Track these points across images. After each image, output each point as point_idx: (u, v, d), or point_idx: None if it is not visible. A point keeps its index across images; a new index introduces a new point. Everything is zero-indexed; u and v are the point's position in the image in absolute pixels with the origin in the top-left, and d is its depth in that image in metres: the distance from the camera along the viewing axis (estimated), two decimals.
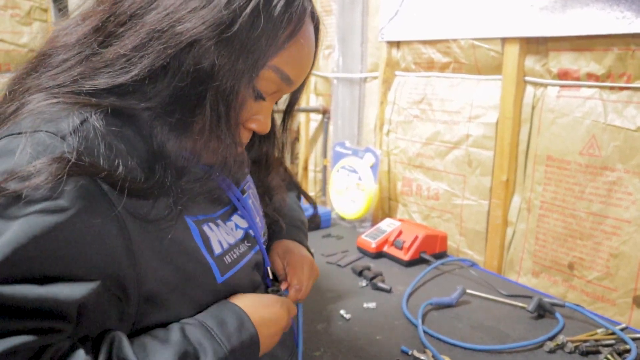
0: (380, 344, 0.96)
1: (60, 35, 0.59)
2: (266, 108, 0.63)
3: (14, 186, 0.45)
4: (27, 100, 0.53)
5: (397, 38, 1.55)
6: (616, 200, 1.10)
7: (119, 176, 0.50)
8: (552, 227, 1.23)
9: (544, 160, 1.23)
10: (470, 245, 1.43)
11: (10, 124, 0.52)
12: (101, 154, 0.50)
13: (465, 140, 1.40)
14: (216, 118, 0.55)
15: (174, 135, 0.55)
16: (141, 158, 0.55)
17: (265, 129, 0.63)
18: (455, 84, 1.43)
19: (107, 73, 0.53)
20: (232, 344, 0.57)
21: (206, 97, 0.54)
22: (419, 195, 1.57)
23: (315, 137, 2.09)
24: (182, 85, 0.53)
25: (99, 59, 0.54)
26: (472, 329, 1.01)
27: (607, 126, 1.10)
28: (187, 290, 0.58)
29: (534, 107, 1.25)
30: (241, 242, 0.68)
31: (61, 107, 0.52)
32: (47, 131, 0.49)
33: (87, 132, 0.50)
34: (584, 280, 1.17)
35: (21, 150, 0.47)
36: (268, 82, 0.60)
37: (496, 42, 1.29)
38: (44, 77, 0.56)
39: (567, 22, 1.12)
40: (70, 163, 0.47)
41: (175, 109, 0.54)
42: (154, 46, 0.52)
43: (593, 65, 1.11)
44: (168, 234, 0.56)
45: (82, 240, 0.48)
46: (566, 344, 0.94)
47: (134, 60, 0.53)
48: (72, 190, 0.47)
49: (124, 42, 0.53)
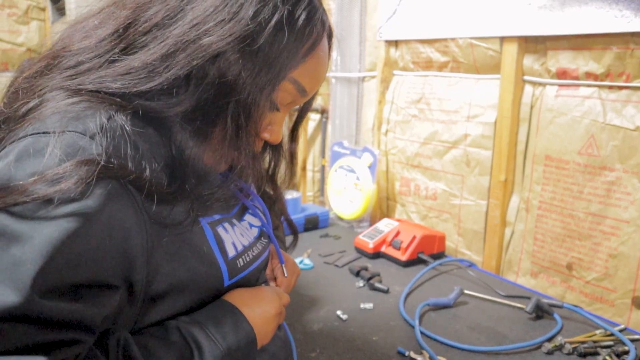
0: (377, 344, 0.95)
1: (75, 36, 0.58)
2: (280, 118, 0.64)
3: (44, 189, 0.45)
4: (47, 97, 0.53)
5: (396, 37, 1.54)
6: (615, 200, 1.09)
7: (146, 179, 0.51)
8: (550, 228, 1.22)
9: (542, 160, 1.22)
10: (469, 245, 1.42)
11: (33, 122, 0.51)
12: (129, 155, 0.50)
13: (464, 140, 1.39)
14: (236, 128, 0.56)
15: (193, 143, 0.55)
16: (164, 162, 0.55)
17: (277, 139, 0.64)
18: (454, 84, 1.42)
19: (129, 80, 0.53)
20: (228, 343, 0.58)
21: (228, 108, 0.55)
22: (417, 195, 1.56)
23: (313, 137, 2.08)
24: (205, 96, 0.54)
25: (122, 65, 0.54)
26: (470, 330, 1.01)
27: (606, 126, 1.09)
28: (193, 292, 0.58)
29: (533, 106, 1.24)
30: (257, 240, 0.69)
31: (86, 105, 0.51)
32: (75, 131, 0.48)
33: (114, 131, 0.50)
34: (582, 281, 1.17)
35: (50, 151, 0.47)
36: (285, 93, 0.61)
37: (494, 41, 1.28)
38: (60, 78, 0.55)
39: (566, 20, 1.11)
40: (100, 166, 0.47)
41: (196, 117, 0.55)
42: (180, 57, 0.52)
43: (592, 64, 1.10)
44: (183, 238, 0.56)
45: (110, 245, 0.48)
46: (564, 345, 0.93)
47: (159, 70, 0.53)
48: (102, 194, 0.47)
49: (149, 51, 0.53)
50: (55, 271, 0.44)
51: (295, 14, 0.57)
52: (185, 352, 0.54)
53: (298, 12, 0.57)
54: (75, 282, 0.46)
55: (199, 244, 0.58)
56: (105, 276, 0.49)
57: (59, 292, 0.45)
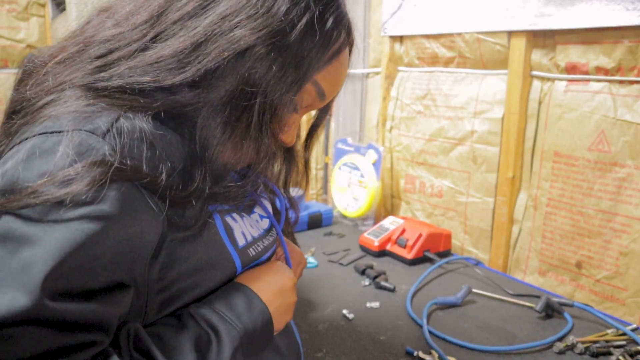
0: (384, 344, 0.93)
1: (107, 23, 0.57)
2: (296, 121, 0.63)
3: (54, 191, 0.43)
4: (65, 95, 0.51)
5: (400, 32, 1.52)
6: (626, 197, 1.07)
7: (160, 183, 0.49)
8: (559, 225, 1.20)
9: (551, 157, 1.20)
10: (475, 243, 1.40)
11: (45, 120, 0.49)
12: (144, 156, 0.49)
13: (470, 137, 1.37)
14: (260, 126, 0.55)
15: (219, 138, 0.54)
16: (183, 163, 0.54)
17: (292, 141, 0.64)
18: (460, 79, 1.40)
19: (157, 70, 0.52)
20: (244, 323, 0.56)
21: (255, 104, 0.54)
22: (422, 192, 1.54)
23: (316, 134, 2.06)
24: (233, 90, 0.53)
25: (153, 53, 0.52)
26: (479, 329, 0.99)
27: (616, 121, 1.07)
28: (205, 282, 0.57)
29: (541, 102, 1.22)
30: (267, 233, 0.68)
31: (102, 106, 0.50)
32: (87, 130, 0.47)
33: (129, 131, 0.49)
34: (592, 280, 1.15)
35: (61, 150, 0.45)
36: (305, 95, 0.61)
37: (502, 36, 1.26)
38: (89, 68, 0.53)
39: (575, 14, 1.09)
40: (113, 167, 0.45)
41: (222, 112, 0.54)
42: (210, 48, 0.52)
43: (602, 58, 1.08)
44: (195, 235, 0.55)
45: (124, 247, 0.47)
46: (576, 344, 0.91)
47: (189, 60, 0.52)
48: (115, 197, 0.46)
49: (179, 38, 0.52)
50: (66, 274, 0.43)
51: (326, 15, 0.57)
52: (202, 337, 0.53)
53: (328, 14, 0.57)
54: (88, 284, 0.45)
55: (209, 234, 0.57)
56: (118, 277, 0.48)
57: (71, 295, 0.44)
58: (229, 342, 0.54)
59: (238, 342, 0.55)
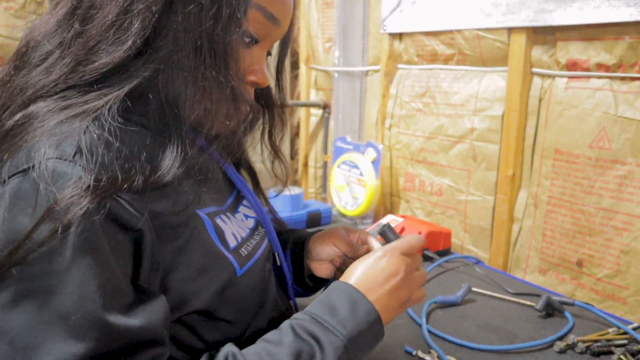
0: (383, 343, 0.91)
1: (37, 27, 0.55)
2: (259, 56, 0.60)
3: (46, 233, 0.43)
4: (32, 114, 0.49)
5: (399, 30, 1.51)
6: (627, 195, 1.06)
7: (138, 181, 0.48)
8: (560, 223, 1.19)
9: (551, 154, 1.19)
10: (475, 242, 1.39)
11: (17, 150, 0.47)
12: (117, 165, 0.47)
13: (470, 134, 1.36)
14: (216, 66, 0.52)
15: (184, 94, 0.52)
16: (154, 146, 0.52)
17: (264, 80, 0.61)
18: (460, 76, 1.39)
19: (102, 50, 0.50)
20: (348, 329, 0.54)
21: (202, 46, 0.51)
22: (422, 191, 1.53)
23: (315, 133, 2.05)
24: (178, 38, 0.51)
25: (88, 36, 0.51)
26: (479, 328, 0.98)
27: (617, 118, 1.06)
28: (207, 286, 0.56)
29: (542, 99, 1.21)
30: (254, 232, 0.67)
31: (70, 122, 0.48)
32: (56, 158, 0.45)
33: (95, 143, 0.47)
34: (593, 278, 1.14)
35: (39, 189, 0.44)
36: (254, 23, 0.57)
37: (502, 33, 1.25)
38: (35, 72, 0.52)
39: (576, 10, 1.08)
40: (92, 187, 0.44)
41: (177, 68, 0.52)
42: (138, 6, 0.50)
43: (603, 55, 1.07)
44: (188, 236, 0.54)
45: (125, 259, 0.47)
46: (577, 343, 0.90)
47: (124, 26, 0.50)
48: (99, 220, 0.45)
49: (105, 11, 0.50)
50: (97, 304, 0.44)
51: None
52: (304, 350, 0.52)
53: None
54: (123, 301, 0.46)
55: (201, 236, 0.56)
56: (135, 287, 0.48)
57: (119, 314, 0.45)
58: (332, 352, 0.52)
59: (342, 351, 0.53)
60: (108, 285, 0.45)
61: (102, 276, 0.44)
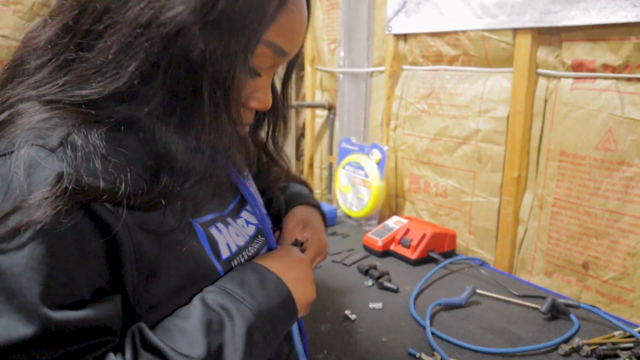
0: (387, 345, 0.92)
1: (30, 39, 0.54)
2: (264, 83, 0.59)
3: (12, 223, 0.42)
4: (19, 110, 0.49)
5: (404, 31, 1.50)
6: (634, 196, 1.05)
7: (121, 195, 0.47)
8: (565, 225, 1.18)
9: (557, 156, 1.18)
10: (480, 243, 1.39)
11: (1, 141, 0.47)
12: (99, 171, 0.46)
13: (475, 136, 1.36)
14: (214, 107, 0.51)
15: (178, 136, 0.51)
16: (144, 166, 0.51)
17: (266, 105, 0.60)
18: (465, 77, 1.39)
19: (96, 81, 0.49)
20: (258, 301, 0.55)
21: (202, 87, 0.50)
22: (427, 192, 1.53)
23: (320, 134, 2.05)
24: (177, 80, 0.49)
25: (82, 64, 0.50)
26: (483, 331, 0.97)
27: (624, 119, 1.05)
28: (189, 293, 0.56)
29: (547, 100, 1.20)
30: (253, 239, 0.66)
31: (57, 121, 0.48)
32: (37, 145, 0.45)
33: (82, 146, 0.47)
34: (599, 281, 1.13)
35: (14, 172, 0.44)
36: (262, 58, 0.55)
37: (507, 33, 1.24)
38: (22, 86, 0.51)
39: (582, 10, 1.07)
40: (69, 190, 0.43)
41: (174, 106, 0.50)
42: (141, 44, 0.48)
43: (609, 55, 1.06)
44: (179, 245, 0.53)
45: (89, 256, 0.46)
46: (582, 347, 0.89)
47: (123, 64, 0.48)
48: (72, 217, 0.44)
49: (106, 44, 0.49)
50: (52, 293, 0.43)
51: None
52: (214, 320, 0.52)
53: None
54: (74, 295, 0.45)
55: (194, 247, 0.55)
56: (103, 281, 0.47)
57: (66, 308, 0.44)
58: (242, 321, 0.52)
59: (252, 320, 0.53)
60: (59, 282, 0.44)
61: (54, 272, 0.43)
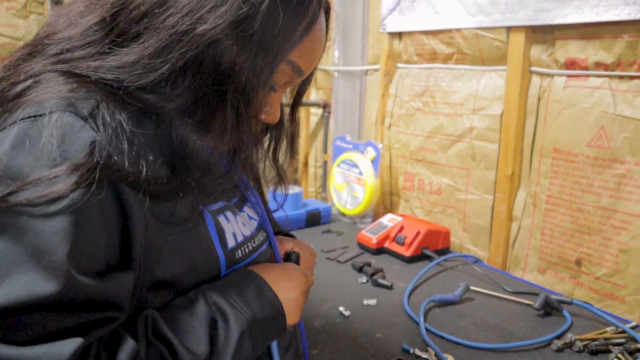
0: (381, 342, 0.92)
1: (59, 23, 0.55)
2: (276, 99, 0.62)
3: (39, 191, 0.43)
4: (43, 79, 0.50)
5: (399, 29, 1.51)
6: (626, 193, 1.06)
7: (143, 179, 0.49)
8: (558, 222, 1.19)
9: (550, 153, 1.19)
10: (474, 241, 1.39)
11: (29, 104, 0.48)
12: (125, 152, 0.48)
13: (469, 133, 1.36)
14: (236, 116, 0.54)
15: (196, 136, 0.53)
16: (164, 157, 0.53)
17: (275, 119, 0.62)
18: (459, 76, 1.39)
19: (124, 74, 0.51)
20: (252, 310, 0.58)
21: (227, 97, 0.53)
22: (421, 190, 1.53)
23: (315, 132, 2.05)
24: (203, 87, 0.52)
25: (115, 58, 0.51)
26: (476, 327, 0.98)
27: (616, 117, 1.06)
28: (191, 280, 0.58)
29: (540, 98, 1.21)
30: (258, 232, 0.68)
31: (84, 92, 0.49)
32: (70, 111, 0.46)
33: (109, 122, 0.48)
34: (592, 277, 1.13)
35: (46, 136, 0.45)
36: (281, 74, 0.59)
37: (501, 32, 1.25)
38: (46, 62, 0.52)
39: (575, 9, 1.08)
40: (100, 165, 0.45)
41: (196, 109, 0.53)
42: (175, 49, 0.50)
43: (602, 53, 1.07)
44: (189, 233, 0.55)
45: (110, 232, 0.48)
46: (574, 342, 0.90)
47: (154, 65, 0.50)
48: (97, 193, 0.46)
49: (143, 44, 0.50)
50: (77, 257, 0.44)
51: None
52: (211, 321, 0.55)
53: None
54: (94, 265, 0.47)
55: (201, 235, 0.57)
56: (115, 259, 0.49)
57: (87, 275, 0.45)
58: (236, 327, 0.55)
59: (246, 327, 0.56)
60: (84, 248, 0.45)
61: (80, 238, 0.45)
